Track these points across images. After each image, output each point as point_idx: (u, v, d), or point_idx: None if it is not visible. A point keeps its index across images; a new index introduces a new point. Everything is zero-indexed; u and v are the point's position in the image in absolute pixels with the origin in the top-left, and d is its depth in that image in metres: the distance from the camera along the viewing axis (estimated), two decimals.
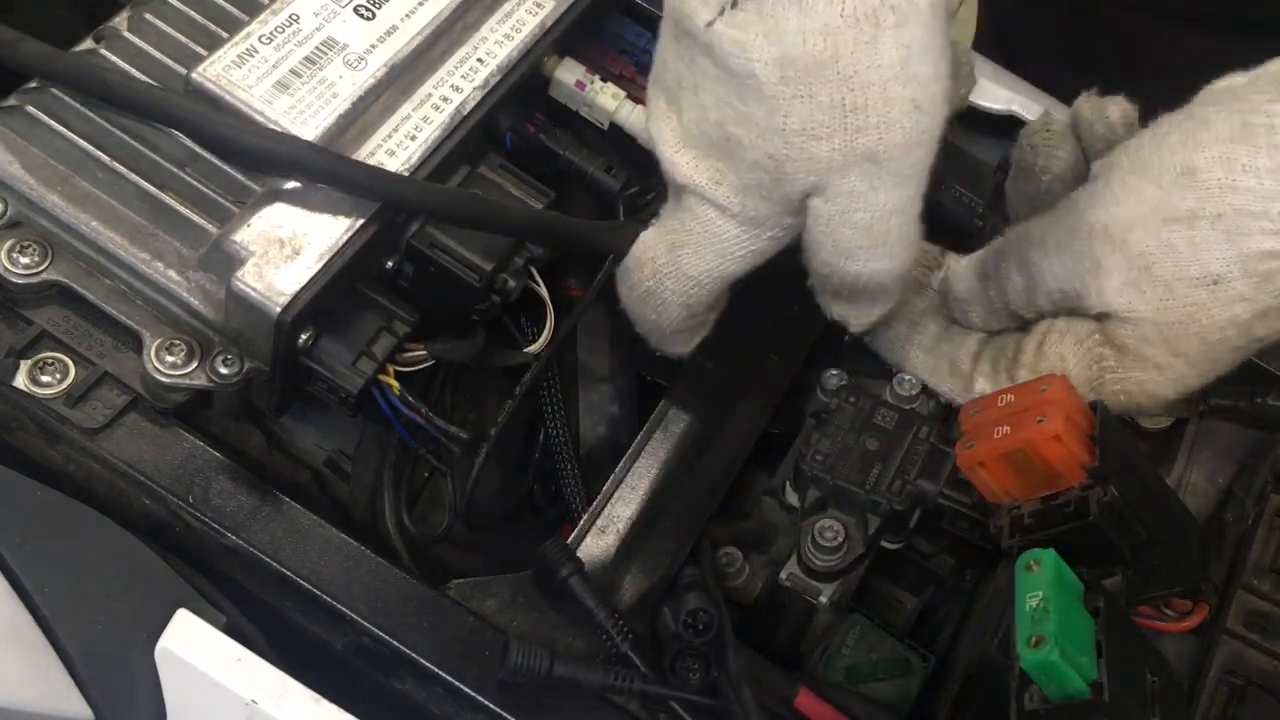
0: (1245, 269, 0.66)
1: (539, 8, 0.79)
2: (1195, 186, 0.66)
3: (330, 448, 0.79)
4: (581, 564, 0.69)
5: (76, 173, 0.69)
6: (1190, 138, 0.67)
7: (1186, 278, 0.67)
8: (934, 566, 0.87)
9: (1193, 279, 0.67)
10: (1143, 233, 0.68)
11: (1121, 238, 0.68)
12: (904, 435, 0.77)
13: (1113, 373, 0.72)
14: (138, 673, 0.61)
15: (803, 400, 0.82)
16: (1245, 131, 0.66)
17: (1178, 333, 0.69)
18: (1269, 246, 0.65)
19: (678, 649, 0.69)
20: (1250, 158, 0.65)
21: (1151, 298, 0.68)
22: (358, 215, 0.69)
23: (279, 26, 0.72)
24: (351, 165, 0.69)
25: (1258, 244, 0.66)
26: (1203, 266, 0.67)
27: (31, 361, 0.68)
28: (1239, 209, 0.65)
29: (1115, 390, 0.72)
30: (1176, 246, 0.67)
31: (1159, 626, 0.75)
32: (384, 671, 0.67)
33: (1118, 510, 0.67)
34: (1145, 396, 0.72)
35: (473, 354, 0.72)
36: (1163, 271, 0.68)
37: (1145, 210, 0.68)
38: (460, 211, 0.71)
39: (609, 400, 0.86)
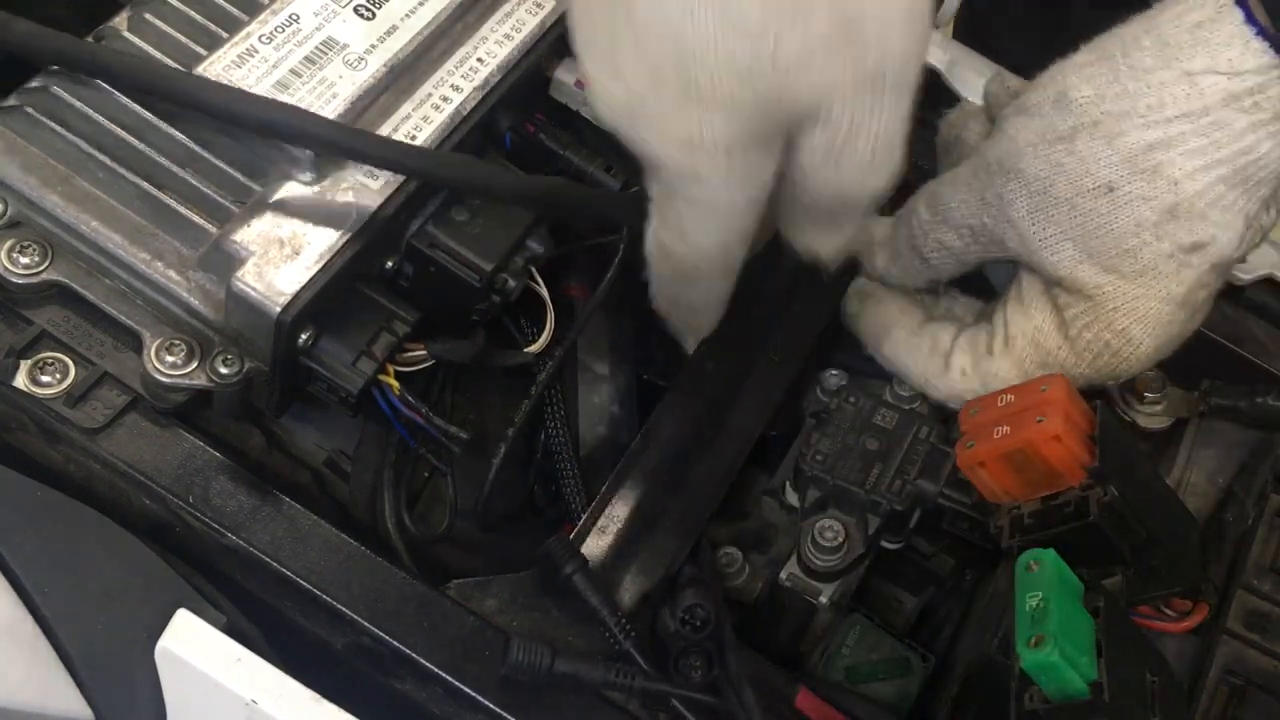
0: (1133, 167, 0.69)
1: (539, 8, 0.79)
2: (1068, 106, 0.70)
3: (330, 448, 0.79)
4: (585, 561, 0.69)
5: (76, 173, 0.69)
6: (1059, 71, 0.72)
7: (1083, 190, 0.70)
8: (934, 566, 0.87)
9: (1089, 190, 0.70)
10: (1032, 158, 0.71)
11: (1015, 167, 0.71)
12: (904, 435, 0.77)
13: (1078, 321, 0.73)
14: (138, 673, 0.61)
15: (803, 400, 0.82)
16: (1104, 56, 0.70)
17: (1098, 247, 0.71)
18: (1148, 139, 0.68)
19: (681, 647, 0.69)
20: (1111, 72, 0.69)
21: (1059, 218, 0.71)
22: (358, 215, 0.69)
23: (279, 26, 0.72)
24: (361, 134, 0.69)
25: (1136, 138, 0.68)
26: (1094, 176, 0.69)
27: (31, 361, 0.68)
28: (1110, 113, 0.69)
29: (1094, 343, 0.73)
30: (1065, 164, 0.70)
31: (1159, 626, 0.75)
32: (384, 671, 0.67)
33: (1118, 510, 0.67)
34: (1123, 339, 0.72)
35: (473, 354, 0.72)
36: (1060, 190, 0.70)
37: (1031, 138, 0.71)
38: (476, 181, 0.71)
39: (609, 400, 0.86)
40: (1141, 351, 0.72)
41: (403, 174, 0.69)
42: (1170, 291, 0.71)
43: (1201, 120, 0.67)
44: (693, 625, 0.68)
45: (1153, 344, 0.72)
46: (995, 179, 0.72)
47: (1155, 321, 0.71)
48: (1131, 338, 0.72)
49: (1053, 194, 0.71)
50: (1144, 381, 0.83)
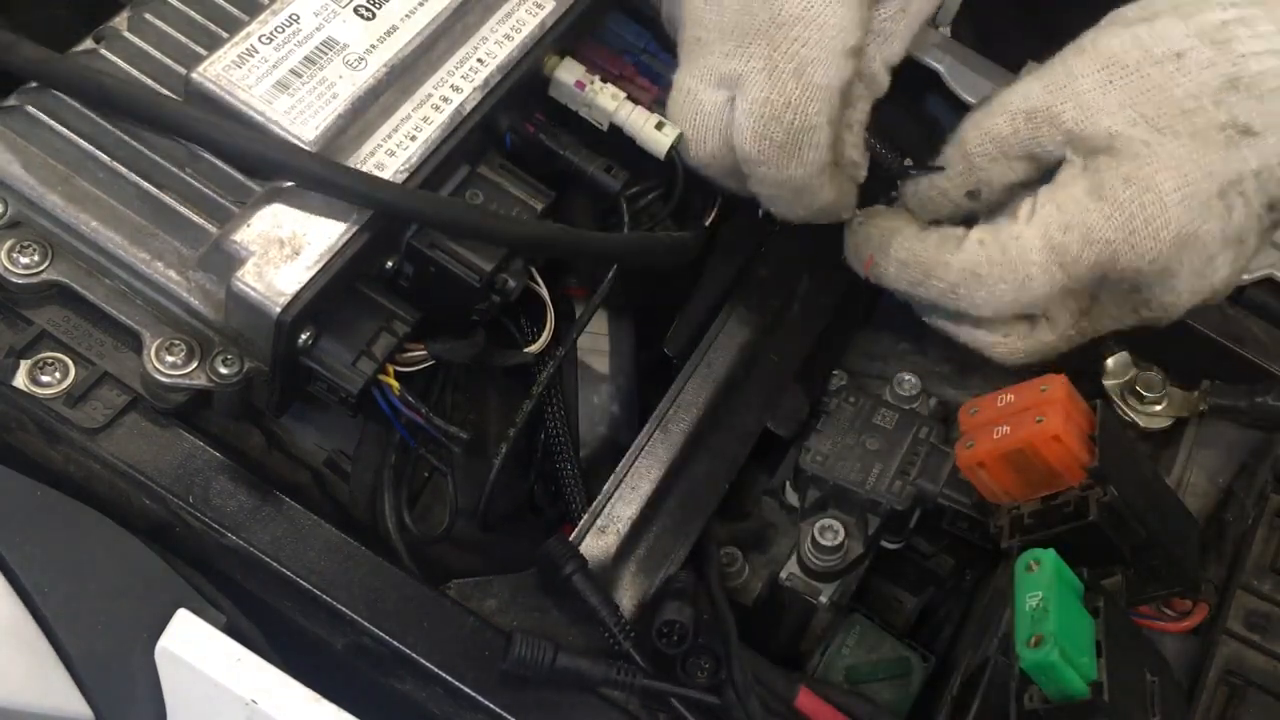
0: (1204, 38, 0.72)
1: (539, 8, 0.79)
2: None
3: (330, 448, 0.79)
4: (585, 561, 0.69)
5: (76, 173, 0.69)
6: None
7: (1152, 57, 0.72)
8: (934, 566, 0.87)
9: (1158, 57, 0.72)
10: (1109, 36, 0.74)
11: (1092, 45, 0.74)
12: (904, 435, 0.77)
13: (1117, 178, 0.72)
14: (138, 673, 0.61)
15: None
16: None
17: (1156, 109, 0.72)
18: (1223, 16, 0.72)
19: (686, 647, 0.69)
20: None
21: (1124, 85, 0.72)
22: (358, 215, 0.69)
23: (279, 26, 0.72)
24: (346, 173, 0.68)
25: (1213, 15, 0.72)
26: (1167, 44, 0.72)
27: (31, 361, 0.68)
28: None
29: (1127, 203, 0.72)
30: (1140, 36, 0.72)
31: (1159, 626, 0.75)
32: (384, 671, 0.67)
33: (1117, 510, 0.67)
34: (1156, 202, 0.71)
35: (473, 354, 0.72)
36: (1130, 59, 0.72)
37: (1113, 22, 0.74)
38: (454, 221, 0.70)
39: (609, 400, 0.86)
40: (1169, 218, 0.71)
41: (375, 209, 0.69)
42: (1215, 168, 0.71)
43: (1276, 9, 0.71)
44: (670, 640, 0.68)
45: (1182, 216, 0.71)
46: (1067, 59, 0.74)
47: (1192, 193, 0.71)
48: (1165, 202, 0.71)
49: (1122, 62, 0.72)
50: (1144, 381, 0.84)
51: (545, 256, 0.76)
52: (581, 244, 0.77)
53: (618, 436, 0.85)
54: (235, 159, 0.69)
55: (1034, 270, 0.72)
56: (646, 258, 0.80)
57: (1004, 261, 0.73)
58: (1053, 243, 0.72)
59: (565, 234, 0.76)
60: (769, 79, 0.72)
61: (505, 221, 0.73)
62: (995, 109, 0.76)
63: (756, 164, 0.74)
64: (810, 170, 0.74)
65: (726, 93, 0.74)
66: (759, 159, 0.73)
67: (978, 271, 0.74)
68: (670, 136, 0.79)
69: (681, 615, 0.68)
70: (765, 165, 0.74)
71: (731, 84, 0.74)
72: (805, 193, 0.76)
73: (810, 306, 0.85)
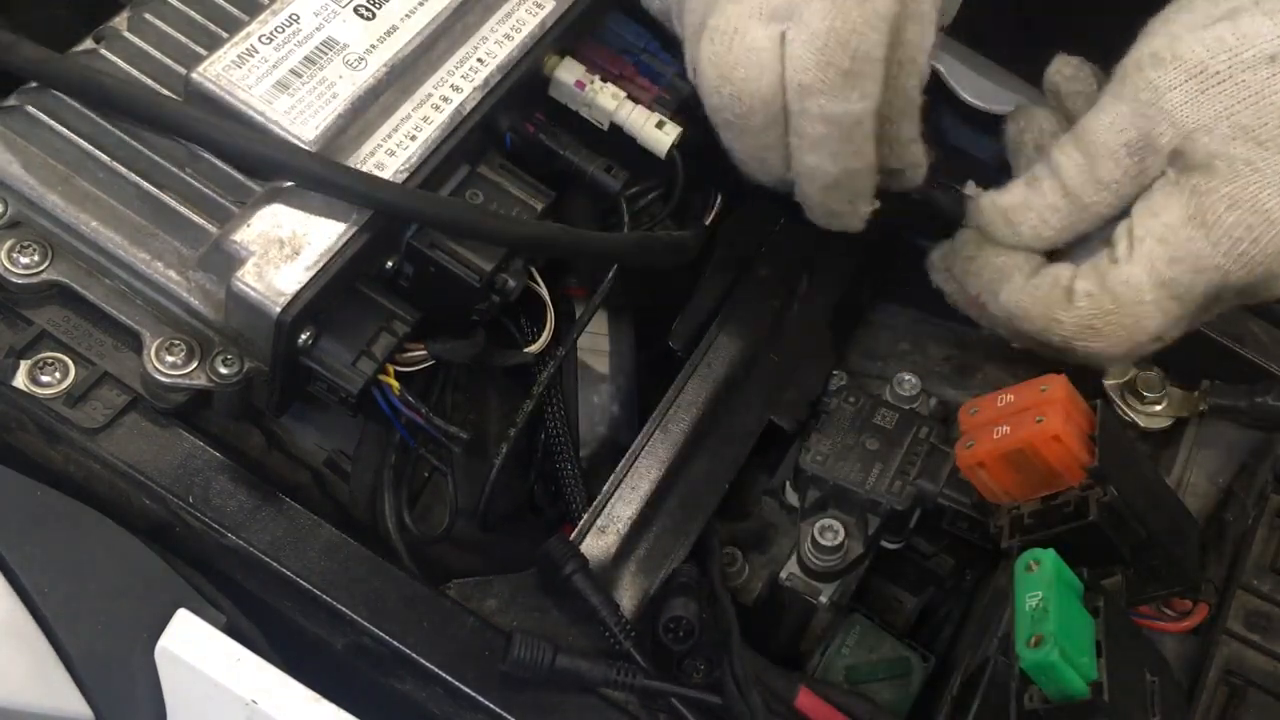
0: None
1: (539, 8, 0.79)
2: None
3: (330, 448, 0.79)
4: (585, 561, 0.69)
5: (76, 173, 0.69)
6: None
7: (1244, 64, 0.68)
8: (934, 566, 0.87)
9: (1250, 62, 0.68)
10: (1190, 41, 0.69)
11: (1171, 54, 0.69)
12: (904, 435, 0.77)
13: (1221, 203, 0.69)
14: (138, 673, 0.61)
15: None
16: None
17: (1256, 119, 0.69)
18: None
19: (693, 643, 0.69)
20: None
21: (1217, 95, 0.69)
22: (358, 215, 0.69)
23: (279, 26, 0.72)
24: (346, 173, 0.68)
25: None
26: (1258, 48, 0.68)
27: (31, 361, 0.68)
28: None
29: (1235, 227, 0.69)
30: (1226, 39, 0.68)
31: (1159, 626, 0.75)
32: (384, 671, 0.67)
33: (1117, 510, 0.67)
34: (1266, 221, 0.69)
35: (473, 354, 0.72)
36: (1219, 66, 0.68)
37: (1186, 25, 0.69)
38: (454, 221, 0.70)
39: (609, 400, 0.86)
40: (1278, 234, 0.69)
41: (375, 209, 0.69)
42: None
43: None
44: (676, 635, 0.68)
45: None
46: (1148, 72, 0.70)
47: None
48: (1273, 219, 0.69)
49: (1211, 70, 0.69)
50: (1144, 381, 0.84)
51: (545, 256, 0.76)
52: (581, 244, 0.77)
53: (618, 436, 0.85)
54: (235, 159, 0.69)
55: (1148, 308, 0.71)
56: (646, 257, 0.79)
57: (1117, 310, 0.71)
58: (1162, 279, 0.70)
59: (565, 234, 0.76)
60: (832, 5, 0.68)
61: (505, 221, 0.73)
62: (1096, 150, 0.72)
63: (817, 94, 0.70)
64: (869, 105, 0.70)
65: (779, 26, 0.70)
66: (821, 87, 0.69)
67: (1093, 325, 0.72)
68: (671, 136, 0.79)
69: (687, 611, 0.68)
70: (825, 95, 0.70)
71: (786, 16, 0.70)
72: (857, 134, 0.72)
73: (810, 306, 0.85)
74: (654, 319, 0.87)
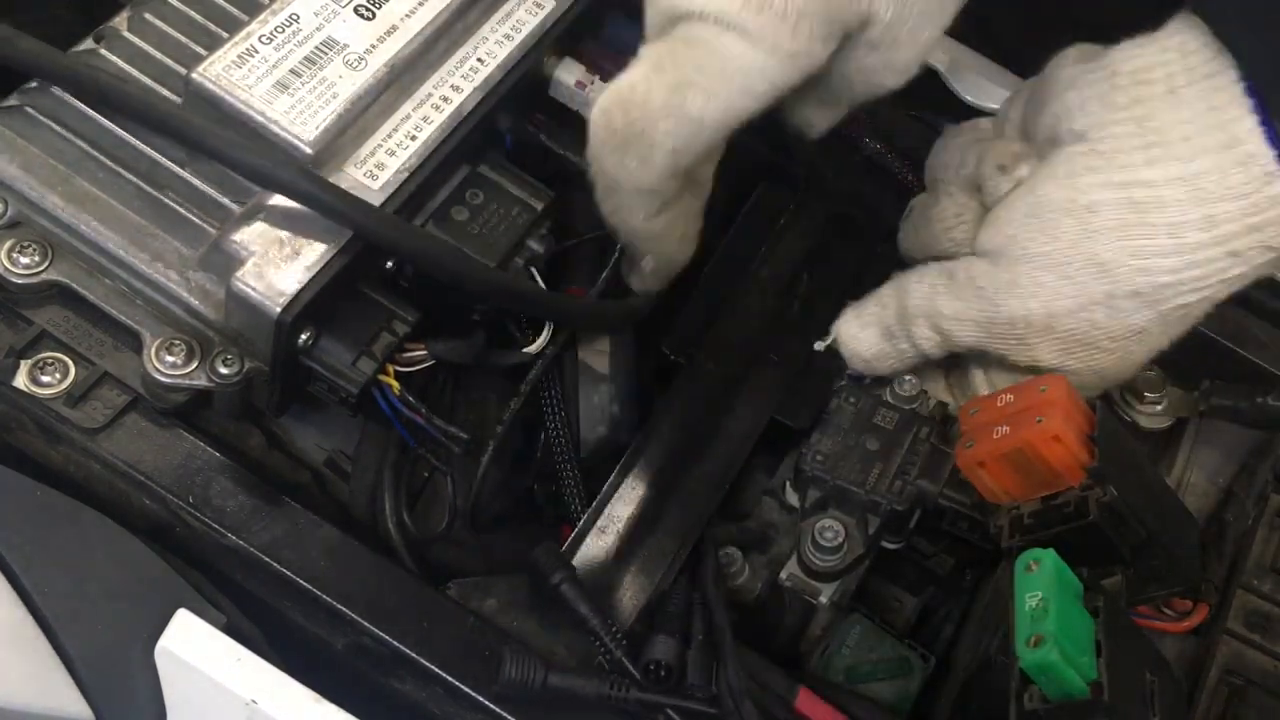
0: (1164, 319, 0.70)
1: (539, 8, 0.79)
2: (1105, 275, 0.68)
3: (330, 448, 0.79)
4: (574, 570, 0.69)
5: (76, 173, 0.69)
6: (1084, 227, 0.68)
7: (1114, 336, 0.70)
8: (934, 566, 0.87)
9: (1118, 335, 0.70)
10: (1067, 318, 0.70)
11: (1045, 325, 0.71)
12: (904, 435, 0.77)
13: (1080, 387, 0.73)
14: (138, 673, 0.61)
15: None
16: (1137, 213, 0.67)
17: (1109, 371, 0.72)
18: (1184, 301, 0.69)
19: (673, 684, 0.68)
20: (1148, 238, 0.67)
21: (1083, 356, 0.72)
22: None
23: (279, 26, 0.72)
24: (335, 193, 0.67)
25: (1173, 302, 0.69)
26: (1128, 327, 0.70)
27: (31, 361, 0.68)
28: (1154, 284, 0.68)
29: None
30: (1099, 321, 0.70)
31: (1159, 626, 0.75)
32: (384, 671, 0.67)
33: (1117, 510, 0.67)
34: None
35: (473, 354, 0.72)
36: (1091, 338, 0.71)
37: (1065, 302, 0.70)
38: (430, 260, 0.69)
39: (609, 400, 0.86)
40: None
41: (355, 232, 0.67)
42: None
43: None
44: (656, 676, 0.68)
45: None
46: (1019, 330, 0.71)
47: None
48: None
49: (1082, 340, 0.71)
50: (1144, 381, 0.84)
51: (503, 307, 0.75)
52: (538, 303, 0.76)
53: (618, 436, 0.85)
54: (225, 164, 0.68)
55: None
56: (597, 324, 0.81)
57: None
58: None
59: (529, 292, 0.74)
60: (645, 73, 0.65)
61: (472, 266, 0.71)
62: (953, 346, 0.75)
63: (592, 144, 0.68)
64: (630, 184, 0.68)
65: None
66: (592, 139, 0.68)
67: None
68: None
69: (668, 654, 0.68)
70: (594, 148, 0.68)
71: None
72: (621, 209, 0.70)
73: (810, 306, 0.85)
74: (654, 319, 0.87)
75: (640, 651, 0.68)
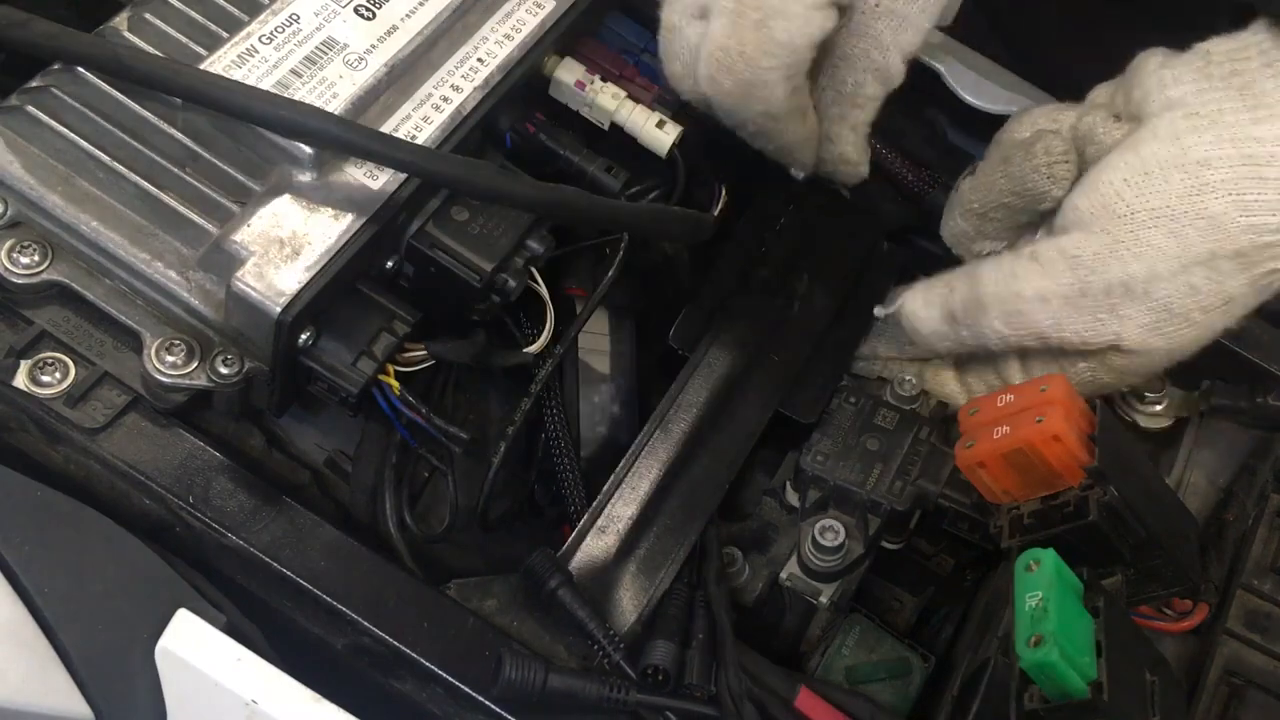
0: (1254, 285, 0.70)
1: (539, 8, 0.79)
2: (1213, 231, 0.68)
3: (330, 448, 0.79)
4: (570, 575, 0.69)
5: (76, 173, 0.69)
6: (1195, 181, 0.68)
7: (1205, 305, 0.70)
8: (934, 566, 0.87)
9: (1210, 305, 0.70)
10: (1167, 282, 0.69)
11: (1144, 291, 0.70)
12: (904, 436, 0.77)
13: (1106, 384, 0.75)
14: (138, 673, 0.61)
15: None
16: (1251, 166, 0.67)
17: (1184, 350, 0.72)
18: (1274, 266, 0.70)
19: (671, 689, 0.68)
20: (1259, 194, 0.67)
21: (1170, 331, 0.71)
22: (358, 214, 0.69)
23: (279, 26, 0.72)
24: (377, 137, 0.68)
25: (1267, 265, 0.69)
26: (1222, 293, 0.70)
27: (31, 361, 0.68)
28: (1258, 244, 0.68)
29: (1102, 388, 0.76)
30: (1197, 285, 0.69)
31: (1159, 626, 0.75)
32: (384, 671, 0.67)
33: (1117, 510, 0.67)
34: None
35: (473, 354, 0.72)
36: (1183, 308, 0.70)
37: (1169, 263, 0.69)
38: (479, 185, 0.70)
39: (609, 400, 0.86)
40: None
41: (403, 172, 0.69)
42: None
43: None
44: (655, 680, 0.68)
45: None
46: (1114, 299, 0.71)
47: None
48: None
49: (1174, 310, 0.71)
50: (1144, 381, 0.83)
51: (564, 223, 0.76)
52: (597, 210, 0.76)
53: (618, 436, 0.85)
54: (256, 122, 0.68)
55: None
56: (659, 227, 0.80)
57: None
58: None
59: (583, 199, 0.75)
60: (731, 24, 0.72)
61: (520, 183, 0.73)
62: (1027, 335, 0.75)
63: (719, 99, 0.75)
64: (766, 116, 0.76)
65: (702, 25, 0.74)
66: (718, 97, 0.75)
67: None
68: (672, 135, 0.80)
69: (666, 658, 0.68)
70: (723, 102, 0.76)
71: (705, 16, 0.74)
72: (765, 128, 0.78)
73: (810, 306, 0.85)
74: (654, 319, 0.87)
75: (639, 654, 0.68)
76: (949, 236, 0.83)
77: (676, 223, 0.80)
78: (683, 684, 0.67)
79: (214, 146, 0.71)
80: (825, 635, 0.80)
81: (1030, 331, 0.73)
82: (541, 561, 0.69)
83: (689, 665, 0.68)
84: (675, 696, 0.67)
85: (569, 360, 0.83)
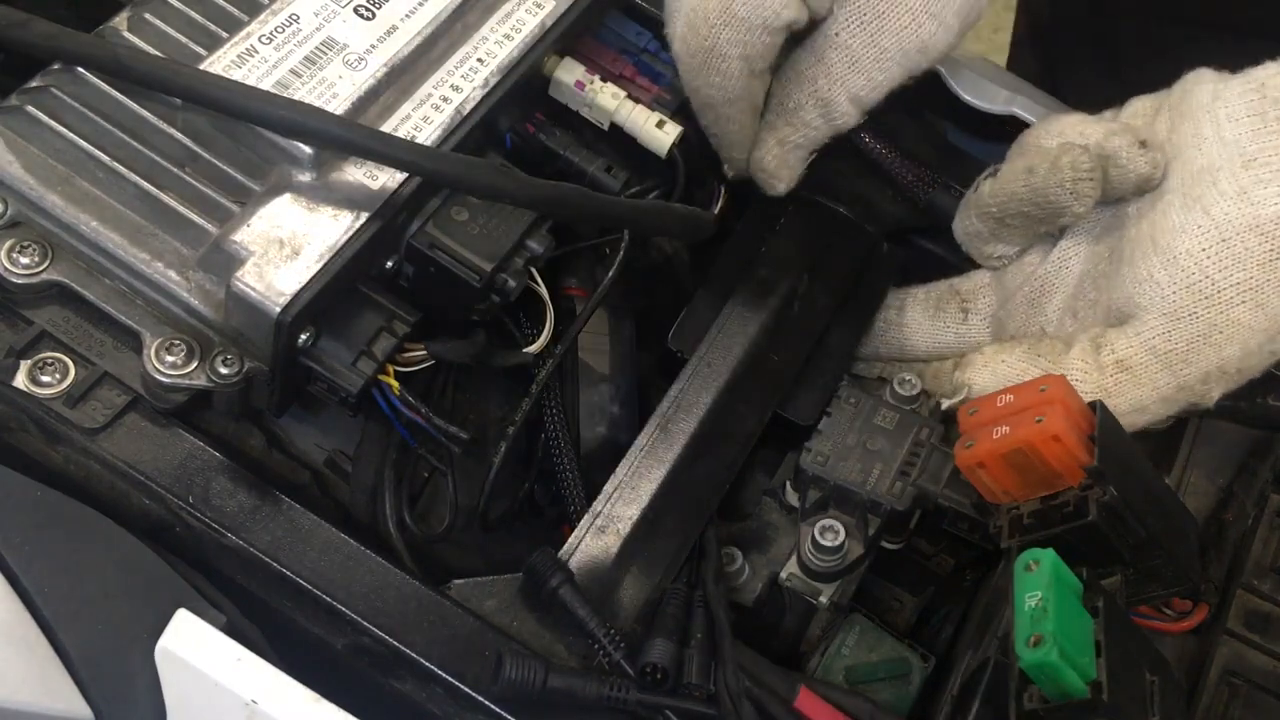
0: None
1: (539, 8, 0.79)
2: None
3: (330, 448, 0.79)
4: (571, 574, 0.69)
5: (76, 173, 0.69)
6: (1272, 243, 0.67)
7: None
8: (934, 566, 0.87)
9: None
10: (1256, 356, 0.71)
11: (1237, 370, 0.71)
12: (904, 436, 0.77)
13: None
14: (138, 673, 0.61)
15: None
16: None
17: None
18: None
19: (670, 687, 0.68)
20: None
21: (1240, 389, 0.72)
22: (358, 215, 0.69)
23: (279, 26, 0.72)
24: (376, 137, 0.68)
25: None
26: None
27: (31, 361, 0.68)
28: None
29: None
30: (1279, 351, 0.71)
31: (1159, 626, 0.75)
32: (384, 671, 0.67)
33: (1117, 510, 0.67)
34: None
35: (473, 354, 0.72)
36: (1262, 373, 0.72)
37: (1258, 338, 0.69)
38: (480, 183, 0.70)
39: (609, 400, 0.86)
40: None
41: (404, 172, 0.69)
42: None
43: None
44: (653, 679, 0.68)
45: None
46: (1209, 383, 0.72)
47: None
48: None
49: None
50: None
51: (563, 220, 0.76)
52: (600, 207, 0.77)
53: (618, 436, 0.85)
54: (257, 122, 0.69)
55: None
56: (660, 223, 0.81)
57: None
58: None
59: (582, 197, 0.75)
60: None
61: (517, 180, 0.73)
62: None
63: (681, 71, 0.77)
64: (717, 96, 0.77)
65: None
66: (680, 67, 0.77)
67: None
68: (672, 135, 0.80)
69: (665, 658, 0.68)
70: (683, 72, 0.77)
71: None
72: (720, 118, 0.79)
73: (810, 306, 0.85)
74: (654, 319, 0.87)
75: (639, 653, 0.68)
76: (961, 235, 0.82)
77: (677, 220, 0.80)
78: (681, 683, 0.67)
79: (214, 146, 0.71)
80: (825, 635, 0.80)
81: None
82: (543, 560, 0.69)
83: (688, 664, 0.68)
84: (674, 696, 0.67)
85: (569, 360, 0.83)
